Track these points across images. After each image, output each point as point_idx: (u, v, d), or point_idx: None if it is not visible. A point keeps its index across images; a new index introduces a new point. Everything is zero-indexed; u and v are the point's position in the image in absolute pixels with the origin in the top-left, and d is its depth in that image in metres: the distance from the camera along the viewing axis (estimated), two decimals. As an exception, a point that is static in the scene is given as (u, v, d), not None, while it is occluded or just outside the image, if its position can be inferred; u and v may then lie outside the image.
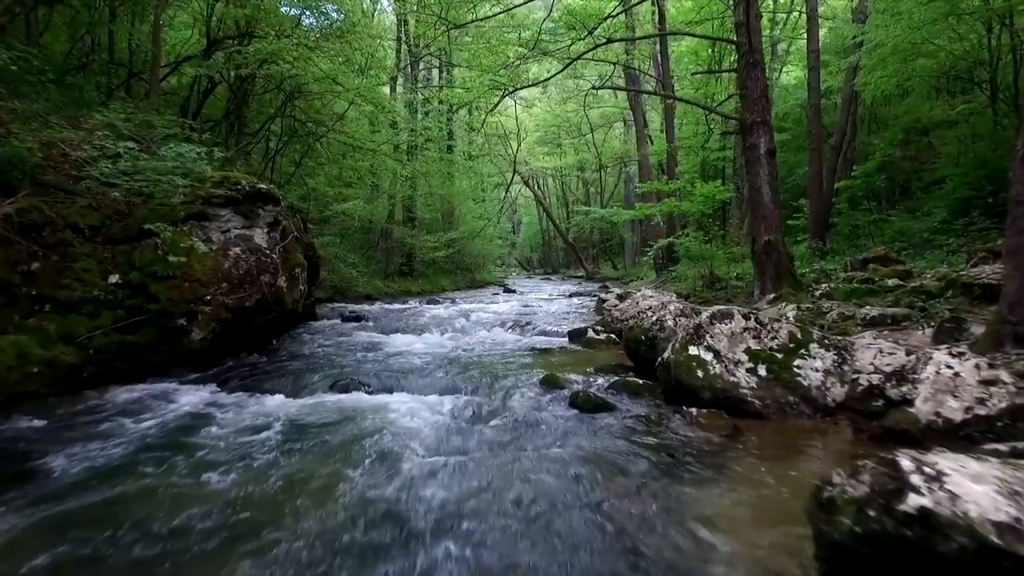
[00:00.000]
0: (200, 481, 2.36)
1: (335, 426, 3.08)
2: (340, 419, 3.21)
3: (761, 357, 3.28)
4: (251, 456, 2.59)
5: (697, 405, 3.25)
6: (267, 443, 2.78)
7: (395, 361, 5.06)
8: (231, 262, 4.93)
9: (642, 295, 6.88)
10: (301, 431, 2.99)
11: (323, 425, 3.06)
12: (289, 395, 4.02)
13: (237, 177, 5.02)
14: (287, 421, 3.19)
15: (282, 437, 2.88)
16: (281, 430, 2.98)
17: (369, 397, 3.81)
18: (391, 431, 2.91)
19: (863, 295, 6.13)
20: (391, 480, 2.28)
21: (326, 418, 3.24)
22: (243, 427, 3.07)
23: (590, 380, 4.12)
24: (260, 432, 2.94)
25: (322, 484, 2.29)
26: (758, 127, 7.44)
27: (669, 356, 3.51)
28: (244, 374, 4.73)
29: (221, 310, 4.84)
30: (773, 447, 2.72)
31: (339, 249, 12.98)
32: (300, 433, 2.96)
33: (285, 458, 2.60)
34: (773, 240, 7.34)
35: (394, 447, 2.66)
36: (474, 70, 10.65)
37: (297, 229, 6.45)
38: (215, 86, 6.94)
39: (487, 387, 3.95)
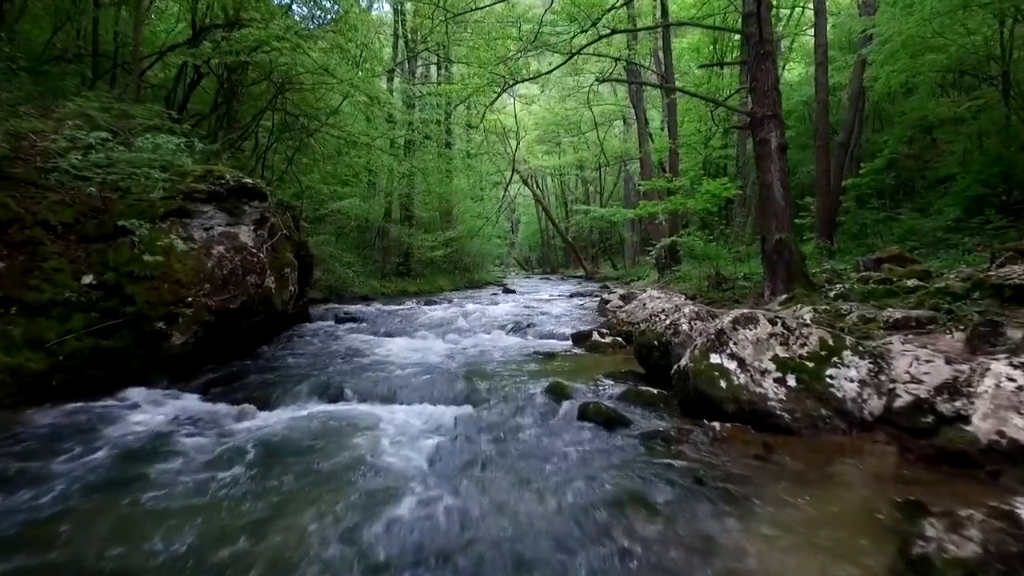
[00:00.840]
0: (142, 529, 1.99)
1: (317, 447, 2.76)
2: (324, 437, 2.90)
3: (790, 366, 2.98)
4: (212, 491, 2.24)
5: (720, 419, 2.96)
6: (236, 470, 2.45)
7: (389, 367, 4.75)
8: (214, 261, 4.63)
9: (649, 296, 6.59)
10: (278, 453, 2.68)
11: (304, 447, 2.74)
12: (273, 406, 3.71)
13: (221, 171, 4.71)
14: (265, 440, 2.88)
15: (255, 462, 2.56)
16: (256, 452, 2.67)
17: (359, 409, 3.51)
18: (379, 454, 2.60)
19: (881, 296, 5.84)
20: (373, 522, 1.94)
21: (309, 436, 2.93)
22: (214, 449, 2.75)
23: (599, 389, 3.82)
24: (231, 456, 2.62)
25: (290, 531, 1.93)
26: (769, 121, 7.14)
27: (687, 364, 3.21)
28: (227, 381, 4.42)
29: (203, 313, 4.53)
30: (811, 470, 2.42)
31: (334, 248, 12.66)
32: (276, 457, 2.64)
33: (252, 493, 2.23)
34: (785, 239, 7.05)
35: (381, 475, 2.33)
36: (473, 64, 10.34)
37: (287, 227, 6.14)
38: (201, 77, 6.62)
39: (488, 397, 3.65)
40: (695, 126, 18.11)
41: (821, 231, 11.01)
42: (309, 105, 8.00)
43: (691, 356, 3.22)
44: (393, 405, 3.59)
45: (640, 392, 3.54)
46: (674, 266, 13.19)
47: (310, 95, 8.08)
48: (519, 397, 3.62)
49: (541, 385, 3.85)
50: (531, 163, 32.08)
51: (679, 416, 3.20)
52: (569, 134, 29.79)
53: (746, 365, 3.01)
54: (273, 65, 6.36)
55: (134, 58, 5.61)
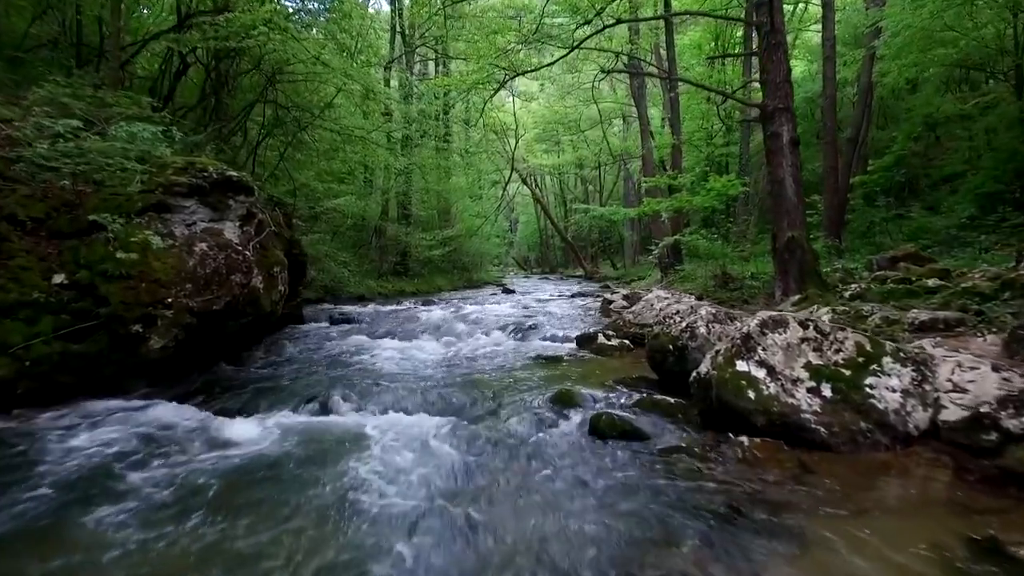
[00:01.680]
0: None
1: (300, 465, 2.47)
2: (308, 453, 2.61)
3: (825, 374, 2.70)
4: (178, 520, 1.94)
5: (747, 432, 2.67)
6: (206, 495, 2.16)
7: (383, 373, 4.46)
8: (196, 259, 4.32)
9: (656, 297, 6.31)
10: (256, 473, 2.38)
11: (279, 473, 2.43)
12: (255, 416, 3.42)
13: (204, 163, 4.41)
14: (242, 457, 2.59)
15: (229, 483, 2.27)
16: (231, 472, 2.38)
17: (347, 422, 3.21)
18: (368, 475, 2.31)
19: (902, 297, 5.56)
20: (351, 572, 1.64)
21: (291, 451, 2.63)
22: (185, 467, 2.46)
23: (609, 397, 3.53)
24: (203, 477, 2.33)
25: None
26: (780, 114, 6.86)
27: (709, 372, 2.92)
28: (210, 389, 4.13)
29: (184, 314, 4.23)
30: (859, 495, 2.13)
31: (330, 247, 12.35)
32: (254, 477, 2.34)
33: (219, 525, 1.94)
34: (797, 237, 6.76)
35: (364, 517, 1.99)
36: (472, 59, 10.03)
37: (277, 223, 5.84)
38: (188, 67, 6.31)
39: (489, 407, 3.35)
40: (697, 123, 17.83)
41: (829, 229, 10.72)
42: (302, 97, 7.69)
43: (713, 362, 2.93)
44: (385, 416, 3.30)
45: (656, 401, 3.25)
46: (677, 265, 12.90)
47: (303, 87, 7.77)
48: (522, 407, 3.33)
49: (546, 393, 3.56)
50: (530, 162, 31.79)
51: (700, 429, 2.92)
52: (569, 132, 29.46)
53: (776, 373, 2.72)
54: (262, 51, 6.04)
55: (112, 44, 5.29)
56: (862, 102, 10.83)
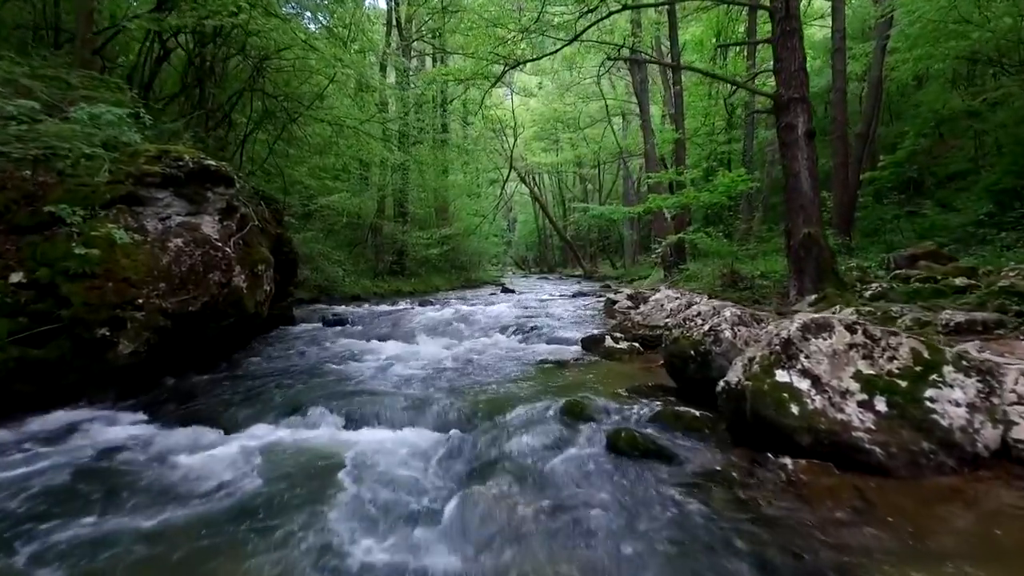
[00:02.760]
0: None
1: (274, 491, 2.12)
2: (285, 476, 2.26)
3: (878, 385, 2.35)
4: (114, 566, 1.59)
5: (789, 453, 2.33)
6: (158, 530, 1.80)
7: (375, 379, 4.10)
8: (171, 257, 3.96)
9: (666, 296, 5.97)
10: (222, 502, 2.03)
11: (258, 490, 2.09)
12: (231, 430, 3.07)
13: (179, 151, 4.05)
14: (210, 480, 2.23)
15: (190, 514, 1.92)
16: (194, 500, 2.02)
17: (332, 437, 2.86)
18: (349, 506, 1.95)
19: (928, 296, 5.23)
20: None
21: (267, 473, 2.28)
22: (145, 492, 2.10)
23: (624, 408, 3.18)
24: (157, 506, 1.97)
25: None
26: (795, 105, 6.53)
27: (742, 382, 2.57)
28: (185, 398, 3.77)
29: (157, 316, 3.88)
30: (935, 532, 1.79)
31: (324, 246, 11.99)
32: (220, 506, 1.99)
33: None
34: (813, 233, 6.43)
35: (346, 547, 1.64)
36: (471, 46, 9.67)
37: (263, 219, 5.49)
38: (169, 53, 5.94)
39: (490, 420, 3.00)
40: (699, 120, 17.49)
41: (839, 227, 10.39)
42: (292, 88, 7.33)
43: (747, 371, 2.59)
44: (375, 432, 2.95)
45: (678, 414, 2.90)
46: (681, 265, 12.56)
47: (294, 78, 7.40)
48: (529, 420, 2.98)
49: (554, 403, 3.21)
50: (528, 160, 31.46)
51: (731, 446, 2.57)
52: (568, 130, 29.11)
53: (822, 385, 2.37)
54: (246, 33, 5.65)
55: (82, 24, 4.91)
56: (872, 96, 10.51)
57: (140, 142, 3.92)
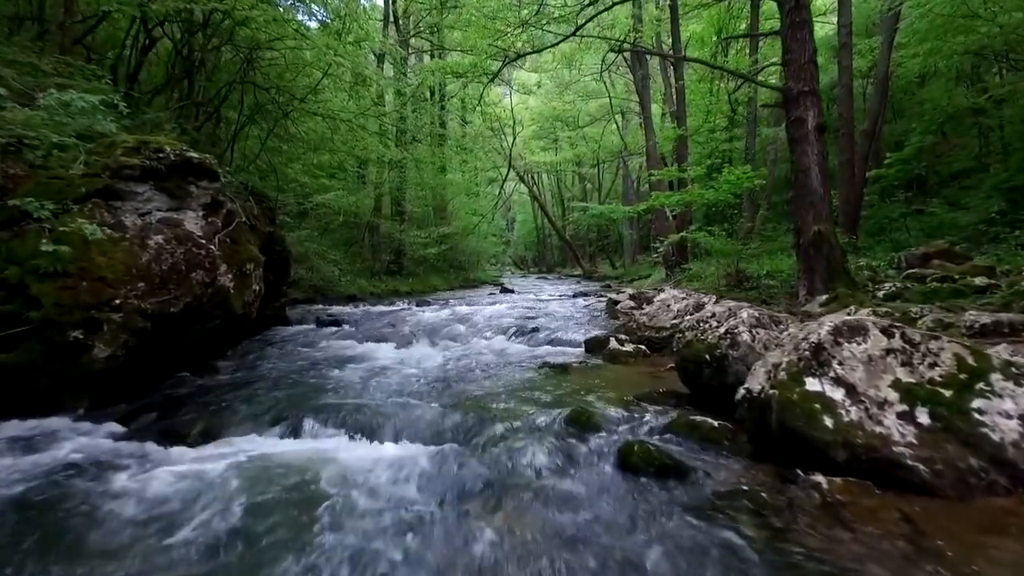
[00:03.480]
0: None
1: (248, 523, 1.88)
2: (263, 499, 2.03)
3: (919, 395, 2.13)
4: None
5: (822, 469, 2.11)
6: None
7: (368, 385, 3.87)
8: (151, 254, 3.73)
9: (672, 297, 5.75)
10: (182, 537, 1.78)
11: (229, 520, 1.86)
12: (210, 441, 2.84)
13: (159, 142, 3.81)
14: (173, 505, 2.00)
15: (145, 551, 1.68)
16: (149, 538, 1.78)
17: (320, 450, 2.63)
18: (332, 541, 1.71)
19: (947, 296, 5.02)
20: None
21: (243, 496, 2.05)
22: (95, 526, 1.87)
23: (634, 416, 2.96)
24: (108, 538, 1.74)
25: None
26: (805, 98, 6.31)
27: (766, 390, 2.35)
28: (164, 405, 3.54)
29: (136, 318, 3.64)
30: (990, 561, 1.57)
31: (319, 245, 11.75)
32: (177, 545, 1.74)
33: None
34: (824, 231, 6.22)
35: None
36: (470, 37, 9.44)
37: (253, 215, 5.25)
38: (154, 42, 5.69)
39: (491, 430, 2.77)
40: (700, 118, 17.24)
41: (844, 225, 10.18)
42: (285, 80, 7.08)
43: (772, 378, 2.37)
44: (366, 443, 2.72)
45: (694, 424, 2.68)
46: (683, 264, 12.35)
47: (287, 72, 7.16)
48: (531, 431, 2.76)
49: (558, 411, 2.99)
50: (527, 159, 31.24)
51: (756, 461, 2.35)
52: (568, 128, 28.88)
53: (858, 394, 2.15)
54: (235, 19, 5.39)
55: (60, 10, 4.67)
56: (879, 92, 10.29)
57: (116, 132, 3.68)
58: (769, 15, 17.06)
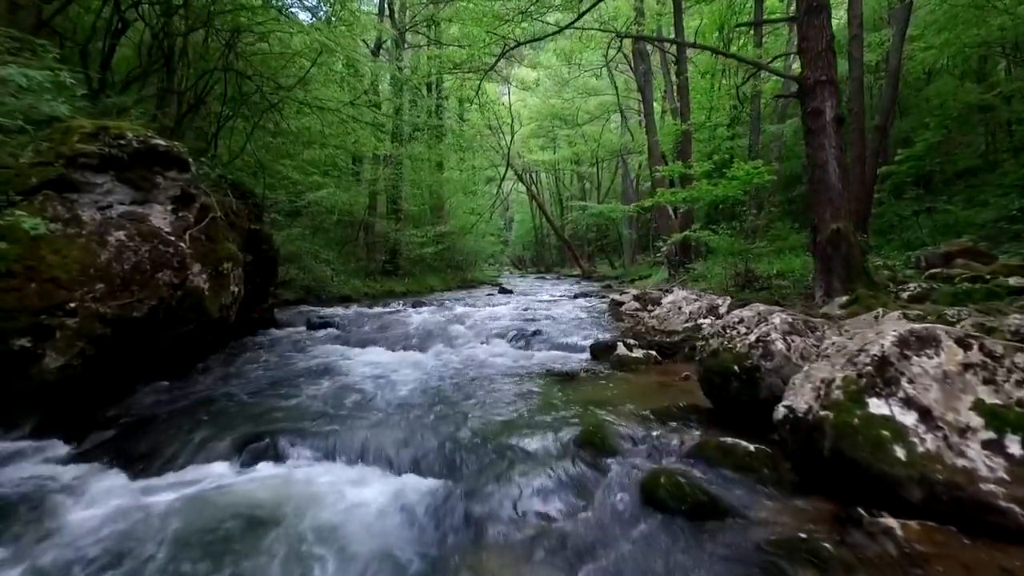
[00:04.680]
0: None
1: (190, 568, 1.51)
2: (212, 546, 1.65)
3: (1008, 420, 1.77)
4: None
5: (890, 509, 1.75)
6: None
7: (355, 397, 3.50)
8: (111, 253, 3.35)
9: (684, 298, 5.39)
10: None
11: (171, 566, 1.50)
12: (170, 466, 2.48)
13: (120, 128, 3.43)
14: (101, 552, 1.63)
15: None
16: None
17: (296, 477, 2.26)
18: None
19: (981, 298, 4.67)
20: None
21: (200, 538, 1.68)
22: None
23: (654, 436, 2.59)
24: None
25: None
26: (822, 88, 5.95)
27: (816, 411, 1.98)
28: (124, 423, 3.16)
29: (94, 323, 3.26)
30: None
31: (312, 244, 11.35)
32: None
33: None
34: (842, 229, 5.87)
35: None
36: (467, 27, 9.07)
37: (232, 211, 4.87)
38: (127, 25, 5.30)
39: (492, 456, 2.41)
40: (703, 115, 16.91)
41: (854, 224, 9.82)
42: (270, 67, 6.69)
43: (821, 397, 2.00)
44: (347, 469, 2.35)
45: (725, 448, 2.31)
46: (687, 263, 12.00)
47: (272, 59, 6.76)
48: (537, 454, 2.40)
49: (567, 430, 2.63)
50: (526, 158, 30.86)
51: (804, 495, 1.99)
52: (566, 126, 28.50)
53: (933, 419, 1.79)
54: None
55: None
56: (890, 85, 9.94)
57: (70, 115, 3.30)
58: (771, 10, 16.75)
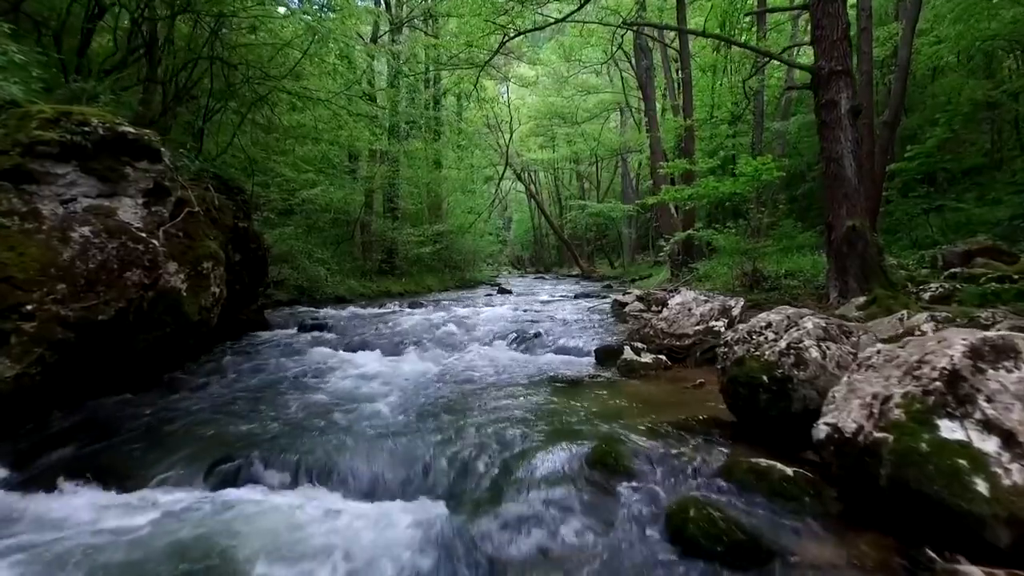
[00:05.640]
0: None
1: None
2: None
3: (1108, 446, 1.49)
4: None
5: (968, 552, 1.47)
6: None
7: (343, 409, 3.21)
8: (75, 250, 3.06)
9: (694, 299, 5.10)
10: None
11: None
12: (129, 488, 2.19)
13: (84, 113, 3.14)
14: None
15: None
16: None
17: (267, 503, 1.98)
18: None
19: (1012, 298, 4.40)
20: None
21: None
22: None
23: (674, 454, 2.31)
24: None
25: None
26: (837, 78, 5.68)
27: (869, 432, 1.70)
28: (85, 437, 2.85)
29: (54, 327, 2.97)
30: None
31: (305, 243, 11.04)
32: None
33: None
34: (859, 226, 5.59)
35: None
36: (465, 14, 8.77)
37: (214, 207, 4.58)
38: (103, 10, 4.99)
39: (491, 480, 2.13)
40: (705, 112, 16.63)
41: (864, 222, 9.56)
42: (261, 59, 6.38)
43: (876, 416, 1.72)
44: (328, 496, 2.06)
45: (759, 471, 2.03)
46: (690, 263, 11.72)
47: (262, 50, 6.45)
48: (544, 478, 2.11)
49: (576, 447, 2.34)
50: (525, 157, 30.56)
51: (856, 530, 1.70)
52: (565, 125, 28.21)
53: (1020, 445, 1.50)
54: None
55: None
56: (900, 80, 9.67)
57: (25, 98, 3.01)
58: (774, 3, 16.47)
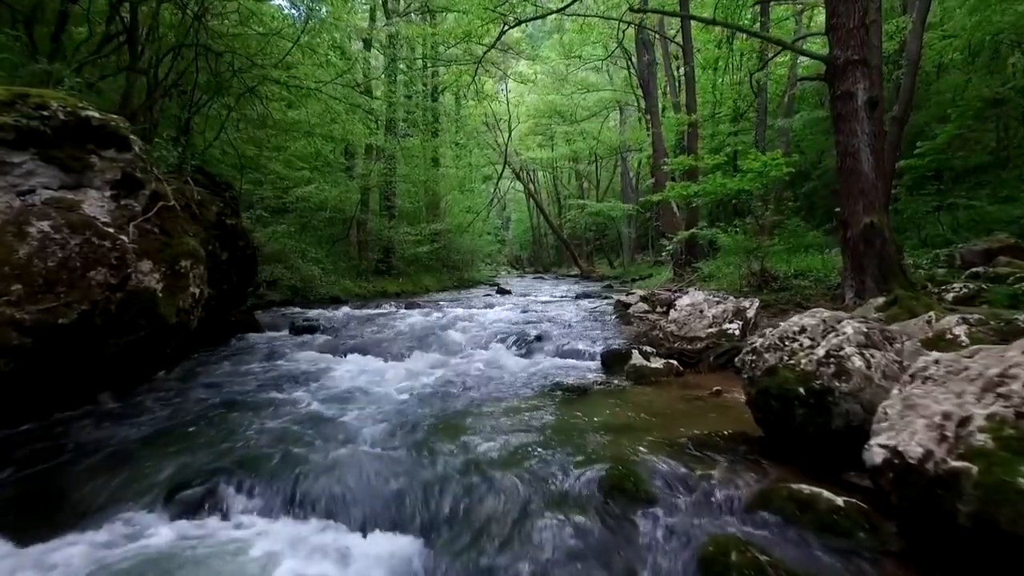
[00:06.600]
0: None
1: None
2: None
3: None
4: None
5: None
6: None
7: (327, 424, 2.93)
8: (32, 247, 2.77)
9: (705, 300, 4.83)
10: None
11: None
12: (68, 526, 1.90)
13: (43, 96, 2.85)
14: None
15: None
16: None
17: (233, 536, 1.70)
18: None
19: (1045, 300, 4.14)
20: None
21: None
22: None
23: (697, 476, 2.04)
24: None
25: None
26: (854, 68, 5.41)
27: (941, 459, 1.43)
28: (40, 455, 2.57)
29: (9, 332, 2.69)
30: None
31: (299, 242, 10.76)
32: None
33: None
34: (877, 223, 5.32)
35: None
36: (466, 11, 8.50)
37: (194, 201, 4.29)
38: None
39: (492, 508, 1.85)
40: (708, 109, 16.38)
41: (874, 220, 9.29)
42: (250, 49, 6.09)
43: (947, 439, 1.45)
44: (301, 527, 1.78)
45: (802, 501, 1.76)
46: (693, 262, 11.45)
47: (251, 40, 6.17)
48: (550, 505, 1.84)
49: (587, 469, 2.08)
50: (523, 155, 30.29)
51: (925, 573, 1.43)
52: (565, 123, 27.97)
53: None
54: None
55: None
56: (909, 75, 9.40)
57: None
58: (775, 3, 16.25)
